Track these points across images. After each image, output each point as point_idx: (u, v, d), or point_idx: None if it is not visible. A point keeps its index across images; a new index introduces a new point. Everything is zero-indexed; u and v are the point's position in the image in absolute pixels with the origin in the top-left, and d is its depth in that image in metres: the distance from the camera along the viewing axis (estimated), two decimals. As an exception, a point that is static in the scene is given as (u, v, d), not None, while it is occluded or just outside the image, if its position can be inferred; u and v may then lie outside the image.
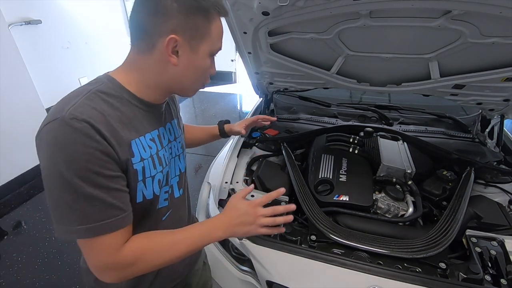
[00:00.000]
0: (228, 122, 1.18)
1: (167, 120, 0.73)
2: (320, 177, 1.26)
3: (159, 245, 0.60)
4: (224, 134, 1.15)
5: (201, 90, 0.74)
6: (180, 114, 0.87)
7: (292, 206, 0.73)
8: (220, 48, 0.64)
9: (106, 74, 0.62)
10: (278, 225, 0.70)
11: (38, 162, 0.55)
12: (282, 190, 0.72)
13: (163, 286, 0.79)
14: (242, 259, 1.11)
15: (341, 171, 1.28)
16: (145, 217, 0.67)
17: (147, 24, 0.56)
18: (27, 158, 2.63)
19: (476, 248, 0.99)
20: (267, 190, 1.28)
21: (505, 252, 0.97)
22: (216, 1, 0.58)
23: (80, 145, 0.49)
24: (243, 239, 1.02)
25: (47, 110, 2.77)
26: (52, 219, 0.54)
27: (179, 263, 0.77)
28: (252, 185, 0.78)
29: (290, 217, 0.70)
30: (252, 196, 1.24)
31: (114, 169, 0.54)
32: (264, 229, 0.67)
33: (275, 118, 1.29)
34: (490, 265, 0.95)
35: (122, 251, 0.56)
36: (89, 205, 0.52)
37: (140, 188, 0.61)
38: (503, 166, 1.41)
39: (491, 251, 0.98)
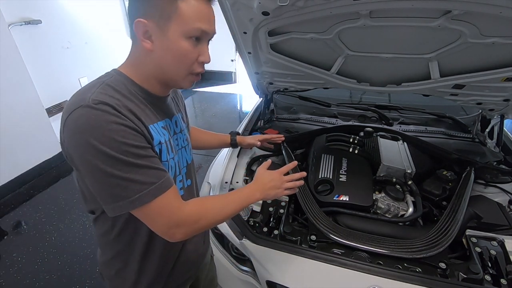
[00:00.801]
0: (238, 134, 1.25)
1: (172, 114, 0.75)
2: (320, 177, 1.26)
3: (215, 205, 0.68)
4: (235, 145, 1.23)
5: (200, 90, 0.74)
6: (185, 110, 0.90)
7: (304, 173, 0.88)
8: (204, 30, 0.59)
9: (114, 69, 0.64)
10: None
11: (38, 162, 0.56)
12: (295, 162, 0.91)
13: (180, 277, 0.82)
14: (242, 259, 1.11)
15: (341, 171, 1.28)
16: None
17: (128, 10, 0.59)
18: (27, 158, 2.64)
19: (476, 248, 0.99)
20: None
21: (505, 252, 0.97)
22: None
23: (112, 123, 0.52)
24: (243, 239, 1.02)
25: (47, 110, 2.77)
26: (104, 203, 0.57)
27: (193, 252, 0.83)
28: (270, 160, 0.90)
29: (302, 182, 0.87)
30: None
31: (145, 142, 0.58)
32: (287, 191, 0.82)
33: (283, 138, 1.36)
34: (490, 265, 0.95)
35: (186, 209, 0.61)
36: (140, 174, 0.55)
37: None
38: (503, 166, 1.41)
39: (491, 251, 0.98)
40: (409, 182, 1.25)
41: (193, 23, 0.57)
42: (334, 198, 1.16)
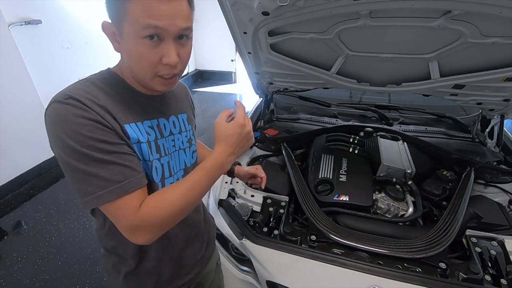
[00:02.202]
0: (239, 164, 1.11)
1: (172, 113, 0.74)
2: (320, 177, 1.26)
3: (175, 191, 0.59)
4: (231, 174, 1.05)
5: (200, 90, 0.73)
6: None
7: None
8: (152, 26, 0.53)
9: (108, 68, 0.66)
10: None
11: (38, 162, 0.56)
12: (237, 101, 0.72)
13: (177, 281, 0.80)
14: (242, 259, 1.11)
15: (341, 171, 1.28)
16: None
17: None
18: (27, 158, 2.63)
19: (476, 248, 0.99)
20: (267, 190, 1.28)
21: (505, 252, 0.97)
22: None
23: (79, 117, 0.52)
24: (243, 239, 1.02)
25: (47, 110, 2.77)
26: (76, 195, 0.56)
27: (191, 258, 0.80)
28: (230, 110, 0.71)
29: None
30: (252, 196, 1.24)
31: (116, 138, 0.56)
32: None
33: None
34: (490, 265, 0.95)
35: (142, 209, 0.57)
36: (105, 170, 0.54)
37: (143, 166, 0.63)
38: (503, 166, 1.41)
39: (491, 251, 0.98)
40: (409, 182, 1.25)
41: (142, 21, 0.52)
42: (334, 198, 1.16)
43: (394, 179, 1.27)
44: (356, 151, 1.46)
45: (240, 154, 0.68)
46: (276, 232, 1.06)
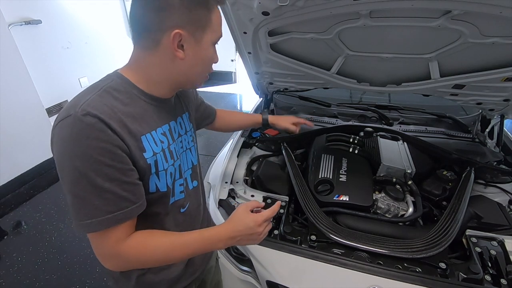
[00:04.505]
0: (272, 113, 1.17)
1: (177, 114, 0.74)
2: (320, 177, 1.26)
3: (159, 248, 0.61)
4: (267, 126, 1.15)
5: (201, 90, 0.74)
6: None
7: (279, 203, 0.74)
8: (221, 35, 0.65)
9: (116, 72, 0.64)
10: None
11: (38, 162, 0.56)
12: (280, 203, 0.75)
13: (186, 278, 0.81)
14: (242, 259, 1.11)
15: (341, 171, 1.28)
16: (162, 208, 0.69)
17: (149, 21, 0.57)
18: (27, 158, 2.63)
19: (476, 248, 0.99)
20: (267, 190, 1.28)
21: (505, 252, 0.97)
22: None
23: (93, 139, 0.51)
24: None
25: (47, 110, 2.77)
26: (70, 214, 0.56)
27: (197, 257, 0.80)
28: (263, 204, 0.74)
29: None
30: (252, 196, 1.24)
31: (126, 163, 0.56)
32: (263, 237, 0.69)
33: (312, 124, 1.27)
34: (490, 265, 0.95)
35: (125, 244, 0.58)
36: (101, 198, 0.53)
37: (153, 180, 0.63)
38: (503, 166, 1.41)
39: (491, 251, 0.98)
40: (409, 182, 1.25)
41: (218, 31, 0.63)
42: (334, 198, 1.16)
43: (394, 179, 1.27)
44: (356, 151, 1.46)
45: (238, 244, 0.68)
46: (276, 232, 1.06)
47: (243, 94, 5.16)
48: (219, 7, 0.63)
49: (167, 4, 0.55)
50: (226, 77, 5.67)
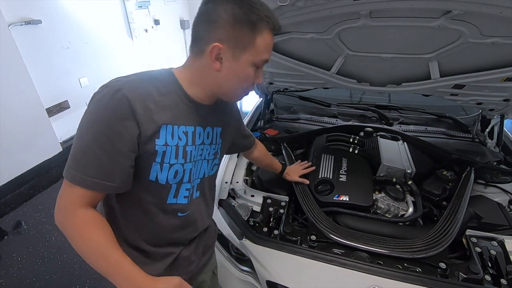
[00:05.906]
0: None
1: (208, 124, 0.76)
2: (320, 177, 1.26)
3: (92, 241, 0.61)
4: (281, 173, 1.26)
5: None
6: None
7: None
8: (266, 60, 0.67)
9: (169, 68, 0.71)
10: None
11: (38, 162, 0.57)
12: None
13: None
14: (242, 259, 1.11)
15: (341, 171, 1.28)
16: (157, 201, 0.70)
17: (200, 30, 0.64)
18: (27, 158, 2.63)
19: (476, 248, 0.99)
20: (267, 190, 1.28)
21: (505, 252, 0.97)
22: (268, 16, 0.62)
23: (111, 112, 0.57)
24: (244, 239, 1.02)
25: (47, 110, 2.76)
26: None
27: (186, 259, 0.81)
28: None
29: None
30: (252, 196, 1.24)
31: (129, 146, 0.60)
32: None
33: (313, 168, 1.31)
34: (490, 265, 0.95)
35: (78, 211, 0.61)
36: (87, 158, 0.59)
37: (155, 169, 0.65)
38: (503, 166, 1.41)
39: (491, 251, 0.98)
40: (409, 182, 1.25)
41: (262, 55, 0.65)
42: (334, 198, 1.16)
43: (394, 179, 1.27)
44: (356, 151, 1.46)
45: None
46: (276, 232, 1.06)
47: (243, 94, 5.16)
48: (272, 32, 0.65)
49: (216, 19, 0.61)
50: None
